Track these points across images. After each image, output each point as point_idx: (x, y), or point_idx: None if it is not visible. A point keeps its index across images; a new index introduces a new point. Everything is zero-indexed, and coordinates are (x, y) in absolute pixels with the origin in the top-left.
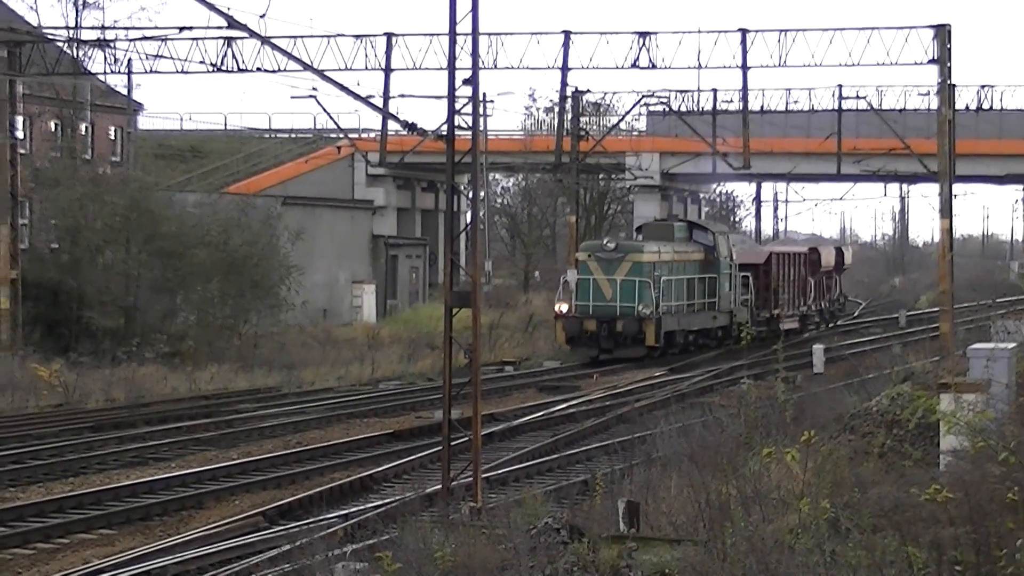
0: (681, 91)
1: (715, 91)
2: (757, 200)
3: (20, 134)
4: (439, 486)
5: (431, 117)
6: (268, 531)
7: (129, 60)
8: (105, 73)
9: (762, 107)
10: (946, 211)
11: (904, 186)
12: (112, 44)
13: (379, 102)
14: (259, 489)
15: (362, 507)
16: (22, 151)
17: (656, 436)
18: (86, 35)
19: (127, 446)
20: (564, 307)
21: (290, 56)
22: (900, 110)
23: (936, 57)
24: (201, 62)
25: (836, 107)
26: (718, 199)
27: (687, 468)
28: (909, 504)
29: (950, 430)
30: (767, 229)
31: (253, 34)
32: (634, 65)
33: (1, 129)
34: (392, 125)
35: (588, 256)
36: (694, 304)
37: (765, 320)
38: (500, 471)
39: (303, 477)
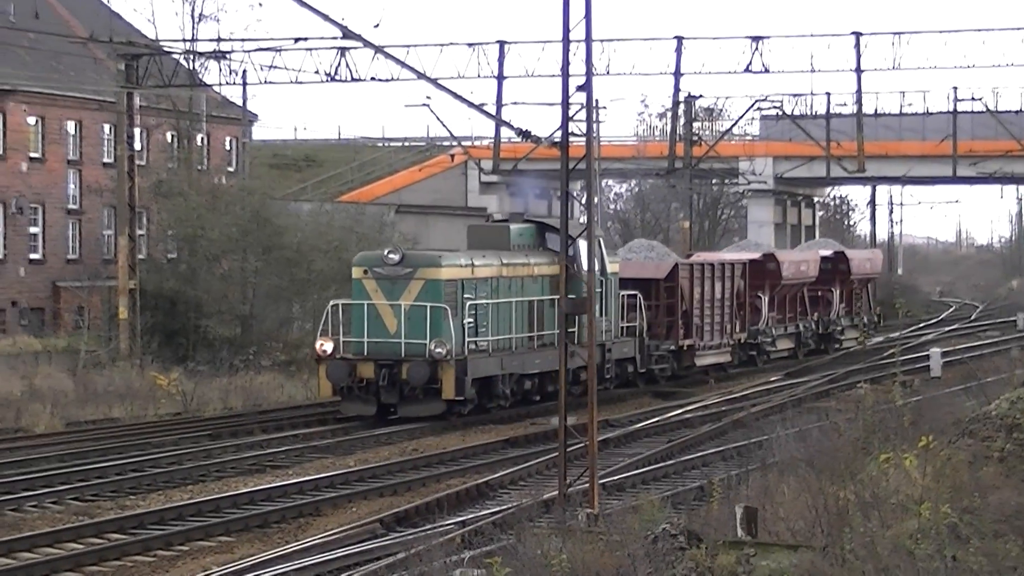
0: (794, 95)
1: (828, 94)
2: (872, 204)
3: (137, 145)
4: (555, 492)
5: (543, 124)
6: (386, 538)
7: (244, 71)
8: (220, 84)
9: (876, 110)
10: None
11: (1021, 188)
12: (228, 55)
13: (492, 110)
14: (376, 496)
15: (479, 514)
16: (140, 162)
17: (772, 441)
18: (202, 47)
19: (245, 454)
20: (328, 346)
21: (404, 65)
22: (1017, 111)
23: None
24: (315, 72)
25: (951, 109)
26: (832, 203)
27: (804, 473)
28: None
29: None
30: (882, 233)
31: (367, 43)
32: (747, 70)
33: (119, 141)
34: (505, 132)
35: (364, 272)
36: (537, 337)
37: (670, 353)
38: (616, 477)
39: (419, 484)
